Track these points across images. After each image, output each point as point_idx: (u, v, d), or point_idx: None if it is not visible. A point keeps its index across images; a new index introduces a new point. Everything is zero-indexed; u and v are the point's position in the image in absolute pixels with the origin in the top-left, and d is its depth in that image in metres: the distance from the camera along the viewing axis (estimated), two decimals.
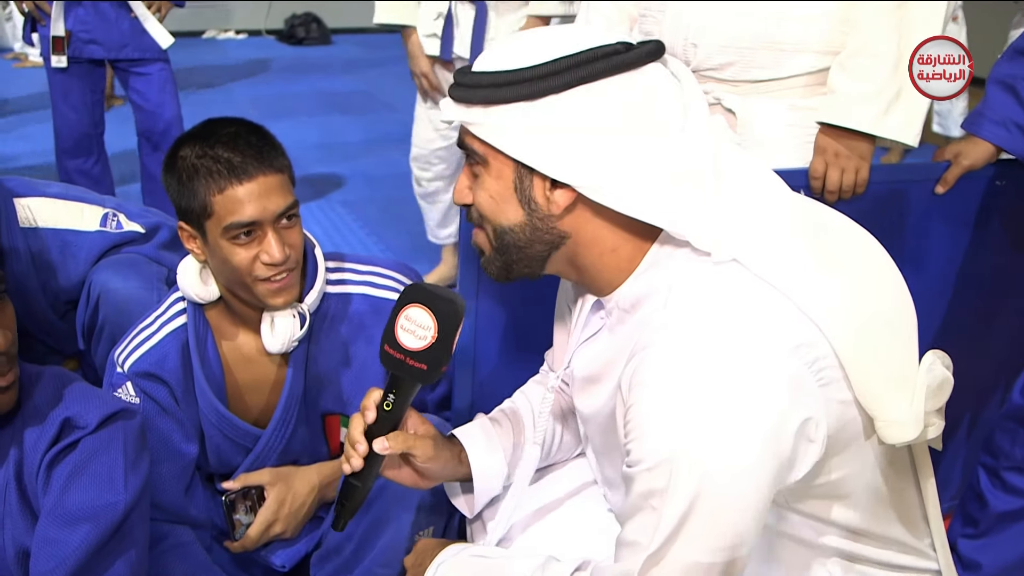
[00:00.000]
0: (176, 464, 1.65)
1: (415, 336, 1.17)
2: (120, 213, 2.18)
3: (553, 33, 1.17)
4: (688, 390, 1.04)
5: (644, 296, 1.17)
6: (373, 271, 1.70)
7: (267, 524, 1.68)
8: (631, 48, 1.14)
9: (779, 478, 1.08)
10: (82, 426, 1.32)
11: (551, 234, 1.18)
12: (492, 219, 1.20)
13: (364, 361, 1.67)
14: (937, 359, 1.21)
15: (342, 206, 4.43)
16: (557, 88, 1.11)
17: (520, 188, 1.17)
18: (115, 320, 2.01)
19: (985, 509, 1.87)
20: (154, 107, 3.64)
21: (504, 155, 1.15)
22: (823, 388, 1.10)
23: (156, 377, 1.61)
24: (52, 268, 2.10)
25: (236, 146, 1.48)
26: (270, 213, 1.48)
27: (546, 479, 1.48)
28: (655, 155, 1.12)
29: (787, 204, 1.21)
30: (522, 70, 1.12)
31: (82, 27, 3.44)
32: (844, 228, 1.24)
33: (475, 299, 1.64)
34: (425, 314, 1.17)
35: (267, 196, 1.47)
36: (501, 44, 1.19)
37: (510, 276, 1.24)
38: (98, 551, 1.29)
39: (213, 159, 1.47)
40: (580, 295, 1.33)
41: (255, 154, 1.48)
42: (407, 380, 1.19)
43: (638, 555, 1.07)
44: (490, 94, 1.13)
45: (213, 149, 1.47)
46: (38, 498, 1.33)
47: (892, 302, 1.20)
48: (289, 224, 1.52)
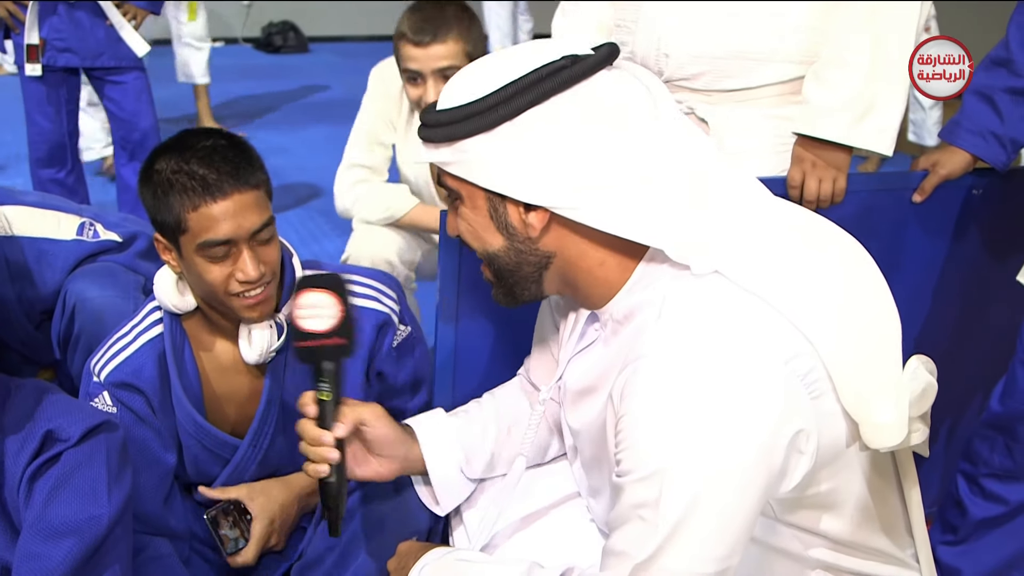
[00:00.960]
0: (154, 474, 1.63)
1: (322, 318, 1.21)
2: (97, 222, 2.16)
3: (499, 59, 1.18)
4: (681, 401, 1.05)
5: (638, 307, 1.18)
6: (351, 279, 1.69)
7: (264, 539, 1.67)
8: (577, 60, 1.14)
9: (770, 489, 1.09)
10: (64, 439, 1.31)
11: (536, 255, 1.20)
12: (478, 248, 1.23)
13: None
14: (921, 364, 1.22)
15: (320, 215, 4.42)
16: (509, 115, 1.13)
17: (496, 216, 1.19)
18: (91, 330, 1.99)
19: (964, 516, 1.89)
20: (130, 116, 3.61)
21: (475, 186, 1.17)
22: (815, 400, 1.11)
23: (133, 387, 1.60)
24: (28, 277, 2.08)
25: (212, 162, 1.45)
26: (245, 231, 1.47)
27: (530, 487, 1.48)
28: (622, 163, 1.13)
29: (770, 211, 1.21)
30: (474, 103, 1.14)
31: (57, 35, 3.39)
32: (829, 234, 1.25)
33: (455, 303, 1.64)
34: (320, 295, 1.22)
35: (242, 214, 1.46)
36: (455, 78, 1.20)
37: (516, 301, 1.27)
38: (83, 566, 1.27)
39: (188, 175, 1.45)
40: (573, 308, 1.34)
41: (231, 171, 1.46)
42: (330, 362, 1.24)
43: (625, 565, 1.07)
44: (450, 131, 1.16)
45: (188, 164, 1.45)
46: (19, 512, 1.31)
47: (877, 308, 1.21)
48: (265, 240, 1.51)
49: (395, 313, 1.69)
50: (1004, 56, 1.75)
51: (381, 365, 1.69)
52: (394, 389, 1.74)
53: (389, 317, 1.67)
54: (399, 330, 1.70)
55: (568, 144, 1.12)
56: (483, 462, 1.49)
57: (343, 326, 1.22)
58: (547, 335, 1.47)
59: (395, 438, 1.41)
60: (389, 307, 1.68)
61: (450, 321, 1.65)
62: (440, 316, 1.66)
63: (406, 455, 1.43)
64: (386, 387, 1.73)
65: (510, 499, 1.42)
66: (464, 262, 1.59)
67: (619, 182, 1.12)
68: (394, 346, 1.70)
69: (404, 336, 1.71)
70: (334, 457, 1.26)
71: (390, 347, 1.69)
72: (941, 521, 1.95)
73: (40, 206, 2.14)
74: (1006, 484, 1.83)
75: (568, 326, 1.36)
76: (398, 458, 1.42)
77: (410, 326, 1.73)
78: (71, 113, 3.60)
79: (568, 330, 1.36)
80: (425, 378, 1.78)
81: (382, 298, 1.68)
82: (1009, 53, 1.74)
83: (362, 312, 1.64)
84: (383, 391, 1.73)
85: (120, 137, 3.66)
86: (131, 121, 3.61)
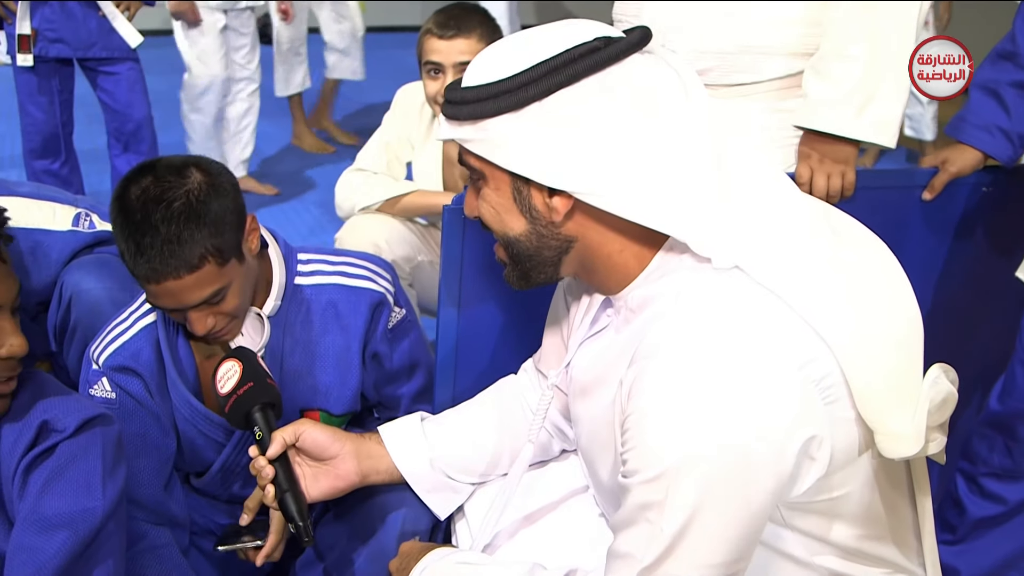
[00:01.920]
0: (155, 459, 1.62)
1: (229, 380, 1.43)
2: (93, 213, 2.15)
3: (531, 37, 1.15)
4: (689, 402, 1.02)
5: (653, 297, 1.15)
6: (345, 261, 1.70)
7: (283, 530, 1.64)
8: (610, 43, 1.12)
9: (779, 495, 1.07)
10: (60, 430, 1.30)
11: (557, 240, 1.18)
12: (498, 230, 1.21)
13: (339, 351, 1.66)
14: (943, 373, 1.18)
15: (316, 207, 4.41)
16: (538, 95, 1.10)
17: (519, 198, 1.16)
18: (87, 321, 1.98)
19: (963, 515, 1.88)
20: (123, 107, 3.60)
21: (499, 168, 1.15)
22: (829, 406, 1.09)
23: (131, 370, 1.59)
24: (23, 268, 2.06)
25: (146, 253, 1.40)
26: (186, 305, 1.46)
27: (536, 482, 1.47)
28: (649, 149, 1.10)
29: (798, 207, 1.18)
30: (502, 81, 1.11)
31: (48, 25, 3.38)
32: (857, 234, 1.23)
33: (458, 290, 1.63)
34: (222, 365, 1.44)
35: (180, 294, 1.44)
36: (484, 54, 1.18)
37: (529, 284, 1.24)
38: (76, 559, 1.26)
39: (131, 257, 1.42)
40: (587, 292, 1.32)
41: (166, 258, 1.40)
42: (254, 409, 1.42)
43: (631, 568, 1.05)
44: (476, 109, 1.13)
45: (128, 245, 1.42)
46: (13, 503, 1.30)
47: (901, 314, 1.18)
48: (215, 303, 1.48)
49: (390, 294, 1.69)
50: (1010, 49, 1.74)
51: (376, 346, 1.69)
52: (390, 373, 1.74)
53: (384, 297, 1.67)
54: (394, 311, 1.70)
55: (596, 128, 1.10)
56: (478, 463, 1.49)
57: (246, 375, 1.42)
58: (560, 318, 1.44)
59: (329, 436, 1.44)
60: (384, 287, 1.68)
61: (452, 308, 1.64)
62: (442, 303, 1.65)
63: (356, 451, 1.45)
64: (382, 371, 1.72)
65: (514, 493, 1.40)
66: (467, 251, 1.58)
67: (645, 169, 1.10)
68: (389, 327, 1.69)
69: (399, 318, 1.71)
70: (268, 473, 1.37)
71: (385, 328, 1.69)
72: (940, 520, 1.94)
73: (35, 197, 2.12)
74: (1005, 483, 1.83)
75: (581, 310, 1.34)
76: (348, 456, 1.44)
77: (405, 309, 1.72)
78: (65, 103, 3.58)
79: (580, 314, 1.33)
80: (421, 363, 1.78)
81: (376, 279, 1.68)
82: (1015, 46, 1.73)
83: (357, 292, 1.65)
84: (379, 376, 1.73)
85: (114, 128, 3.65)
86: (125, 112, 3.60)
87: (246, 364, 1.43)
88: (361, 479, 1.45)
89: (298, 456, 1.44)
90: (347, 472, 1.43)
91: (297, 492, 1.38)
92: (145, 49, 3.56)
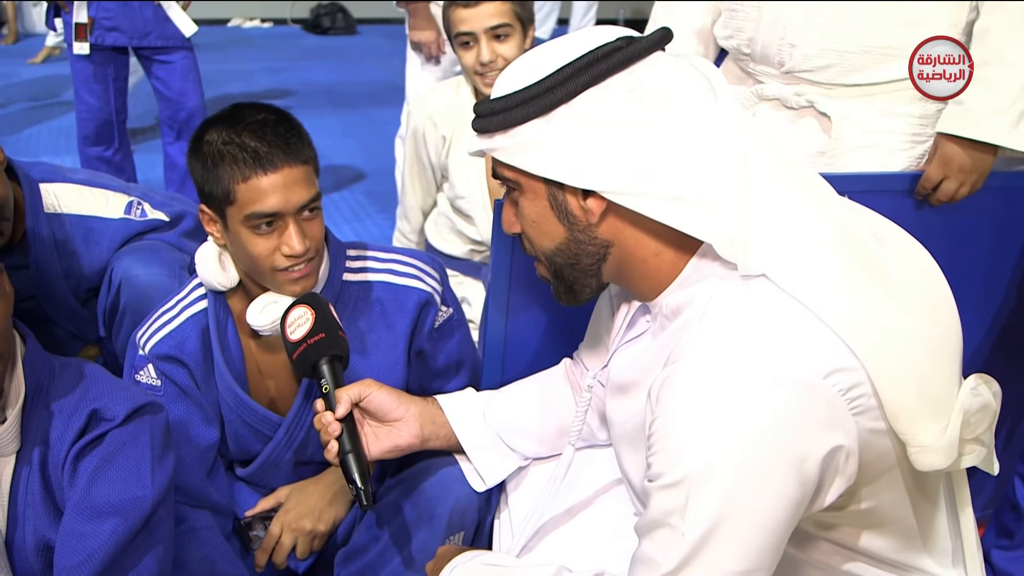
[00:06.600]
0: (196, 447, 1.64)
1: (301, 327, 1.40)
2: (145, 201, 2.17)
3: (554, 45, 1.17)
4: (713, 408, 1.02)
5: (685, 304, 1.15)
6: (395, 259, 1.69)
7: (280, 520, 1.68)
8: (632, 41, 1.13)
9: (803, 505, 1.05)
10: (109, 419, 1.31)
11: (594, 244, 1.18)
12: (539, 244, 1.22)
13: (385, 349, 1.65)
14: (981, 383, 1.15)
15: (365, 196, 4.42)
16: (565, 97, 1.12)
17: (556, 204, 1.17)
18: (136, 307, 2.00)
19: (1021, 520, 1.84)
20: (177, 95, 3.64)
21: (533, 176, 1.16)
22: (857, 416, 1.06)
23: (177, 360, 1.60)
24: (75, 254, 2.09)
25: (263, 135, 1.46)
26: (292, 205, 1.46)
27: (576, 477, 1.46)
28: (673, 148, 1.10)
29: (835, 214, 1.15)
30: (528, 88, 1.13)
31: (105, 14, 3.43)
32: (900, 241, 1.20)
33: (507, 290, 1.62)
34: (296, 310, 1.42)
35: (291, 188, 1.46)
36: (508, 68, 1.20)
37: (576, 298, 1.26)
38: (127, 546, 1.27)
39: (239, 147, 1.45)
40: (629, 298, 1.32)
41: (282, 144, 1.46)
42: (322, 360, 1.39)
43: (653, 573, 1.05)
44: (504, 118, 1.15)
45: (240, 136, 1.45)
46: (63, 491, 1.32)
47: (938, 323, 1.14)
48: (311, 216, 1.51)
49: (437, 293, 1.68)
50: None
51: (422, 344, 1.68)
52: (435, 370, 1.73)
53: (431, 296, 1.66)
54: (441, 310, 1.69)
55: (624, 126, 1.10)
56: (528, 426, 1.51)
57: (318, 324, 1.40)
58: (603, 320, 1.45)
59: (395, 399, 1.45)
60: (432, 287, 1.67)
61: (500, 313, 1.63)
62: (490, 308, 1.64)
63: (420, 414, 1.46)
64: (426, 368, 1.72)
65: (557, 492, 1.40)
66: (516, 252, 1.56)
67: (670, 168, 1.10)
68: (435, 326, 1.69)
69: (446, 317, 1.70)
70: (334, 430, 1.35)
71: (431, 327, 1.68)
72: (996, 525, 1.90)
73: (88, 184, 2.15)
74: None
75: (622, 314, 1.34)
76: (411, 420, 1.45)
77: (452, 308, 1.72)
78: (119, 91, 3.63)
79: (621, 318, 1.34)
80: (466, 361, 1.77)
81: (424, 277, 1.67)
82: None
83: (404, 291, 1.65)
84: (423, 372, 1.72)
85: (167, 116, 3.69)
86: (178, 100, 3.64)
87: (319, 312, 1.41)
88: (421, 443, 1.48)
89: (361, 415, 1.44)
90: (409, 435, 1.46)
91: (360, 454, 1.36)
92: (198, 37, 3.60)
